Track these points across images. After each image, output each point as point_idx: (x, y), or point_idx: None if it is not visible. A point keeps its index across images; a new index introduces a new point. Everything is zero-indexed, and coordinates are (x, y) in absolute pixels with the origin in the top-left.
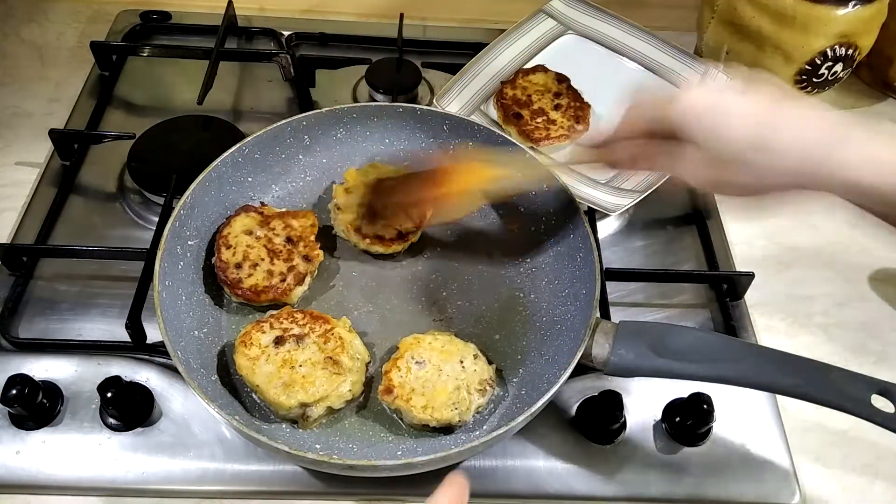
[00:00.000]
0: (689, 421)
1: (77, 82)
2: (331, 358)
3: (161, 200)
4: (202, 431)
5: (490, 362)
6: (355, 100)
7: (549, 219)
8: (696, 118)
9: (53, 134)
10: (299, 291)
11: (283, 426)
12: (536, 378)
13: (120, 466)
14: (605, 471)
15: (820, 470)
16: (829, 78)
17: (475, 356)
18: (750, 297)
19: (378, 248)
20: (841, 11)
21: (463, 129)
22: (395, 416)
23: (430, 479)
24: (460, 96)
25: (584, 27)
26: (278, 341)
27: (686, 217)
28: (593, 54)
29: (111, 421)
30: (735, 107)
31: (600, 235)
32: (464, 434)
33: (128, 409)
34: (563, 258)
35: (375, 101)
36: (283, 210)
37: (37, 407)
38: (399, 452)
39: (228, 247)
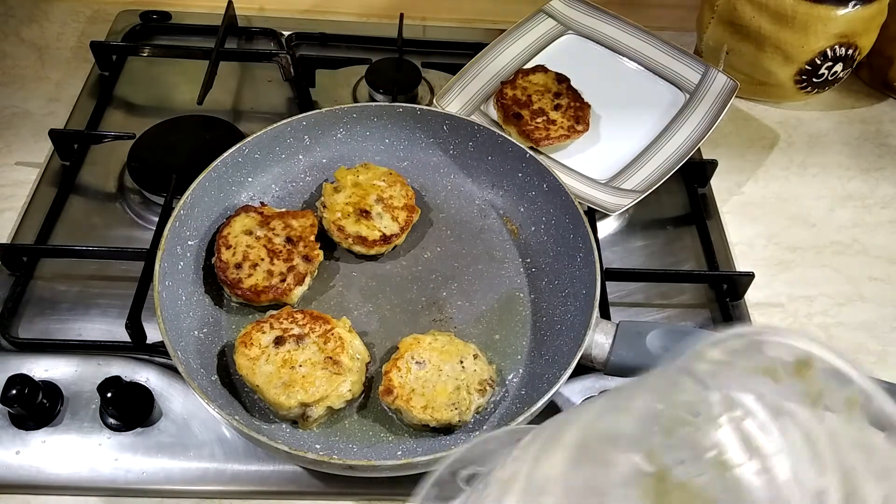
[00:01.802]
0: None
1: (77, 82)
2: (331, 358)
3: (161, 200)
4: (202, 431)
5: (490, 362)
6: (355, 100)
7: (549, 219)
8: None
9: (53, 134)
10: (299, 291)
11: (283, 426)
12: (536, 378)
13: (120, 466)
14: None
15: None
16: (829, 78)
17: (475, 356)
18: (750, 297)
19: (360, 249)
20: (841, 11)
21: (463, 129)
22: (394, 416)
23: None
24: (460, 96)
25: (584, 27)
26: (278, 341)
27: (686, 217)
28: (593, 54)
29: (111, 421)
30: None
31: (600, 235)
32: (464, 434)
33: (128, 409)
34: (563, 258)
35: (375, 101)
36: (283, 210)
37: (37, 407)
38: (399, 452)
39: (228, 247)
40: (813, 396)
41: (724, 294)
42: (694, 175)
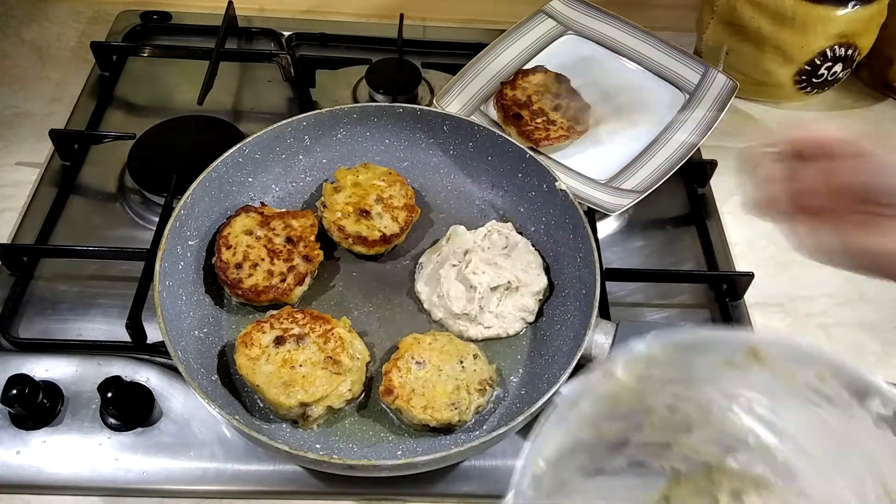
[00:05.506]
0: None
1: (77, 83)
2: (331, 358)
3: (161, 200)
4: (202, 431)
5: (490, 362)
6: (355, 100)
7: (549, 219)
8: None
9: (54, 134)
10: (299, 291)
11: (283, 426)
12: (536, 378)
13: (120, 466)
14: None
15: None
16: (829, 78)
17: (475, 356)
18: (750, 297)
19: (360, 249)
20: (840, 11)
21: (463, 129)
22: (394, 416)
23: (430, 478)
24: (460, 97)
25: (584, 27)
26: (279, 341)
27: (686, 217)
28: (593, 54)
29: (111, 421)
30: None
31: (600, 235)
32: (464, 434)
33: (128, 409)
34: (563, 258)
35: (375, 101)
36: (283, 210)
37: (37, 407)
38: (399, 452)
39: (229, 247)
40: (785, 378)
41: (723, 294)
42: (694, 175)
